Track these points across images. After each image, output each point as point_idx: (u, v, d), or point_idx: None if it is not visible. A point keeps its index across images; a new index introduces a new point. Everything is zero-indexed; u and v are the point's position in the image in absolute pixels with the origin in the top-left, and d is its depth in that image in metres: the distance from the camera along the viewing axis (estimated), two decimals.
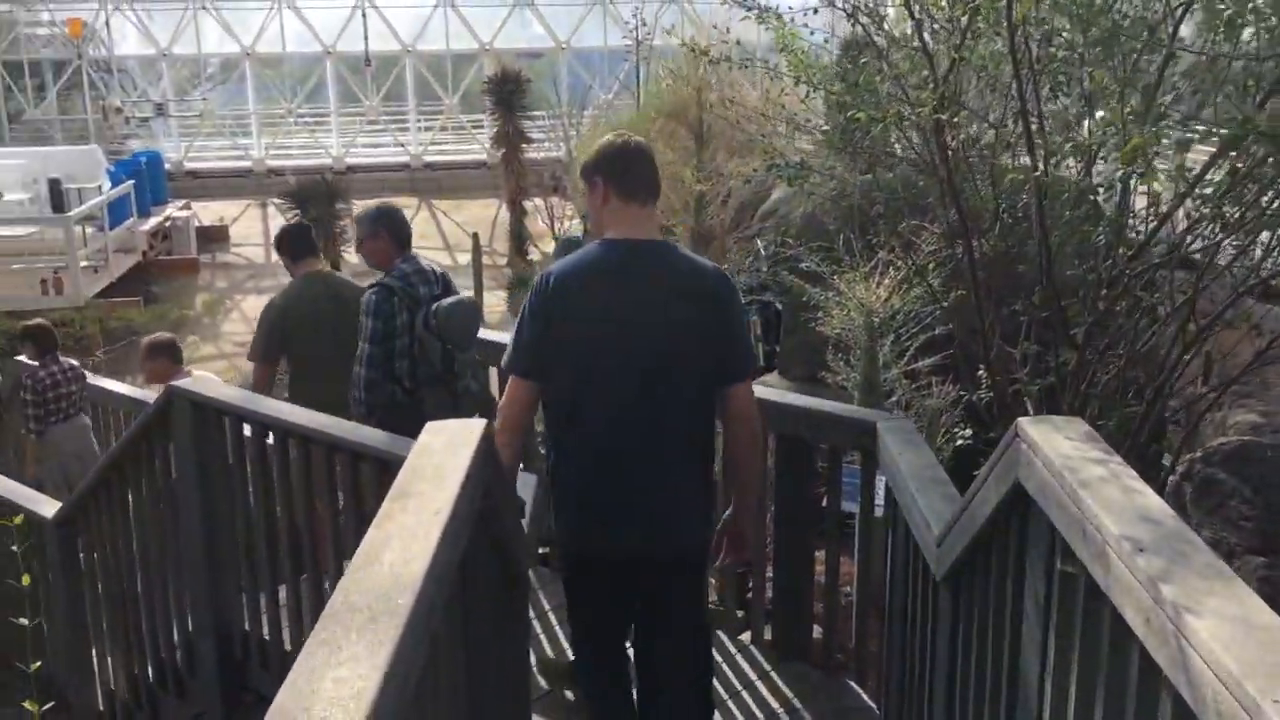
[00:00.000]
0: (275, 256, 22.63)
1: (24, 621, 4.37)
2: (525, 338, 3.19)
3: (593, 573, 3.35)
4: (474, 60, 26.31)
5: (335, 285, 6.25)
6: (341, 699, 1.49)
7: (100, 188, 18.79)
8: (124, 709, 5.72)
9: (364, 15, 25.25)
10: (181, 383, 4.85)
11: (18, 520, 4.88)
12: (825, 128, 5.02)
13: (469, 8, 26.11)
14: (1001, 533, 2.51)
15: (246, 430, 4.57)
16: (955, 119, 4.12)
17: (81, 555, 5.86)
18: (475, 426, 2.63)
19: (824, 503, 4.73)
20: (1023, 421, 2.31)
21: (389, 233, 4.98)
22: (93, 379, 8.72)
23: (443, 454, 2.48)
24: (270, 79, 26.87)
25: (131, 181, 19.71)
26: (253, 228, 23.27)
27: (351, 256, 22.86)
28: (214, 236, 22.40)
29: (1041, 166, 3.90)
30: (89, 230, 18.20)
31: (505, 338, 3.68)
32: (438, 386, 4.88)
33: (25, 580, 4.58)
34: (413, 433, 2.68)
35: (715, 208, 8.90)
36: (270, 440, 4.49)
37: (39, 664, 4.38)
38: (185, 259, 20.79)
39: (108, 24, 25.37)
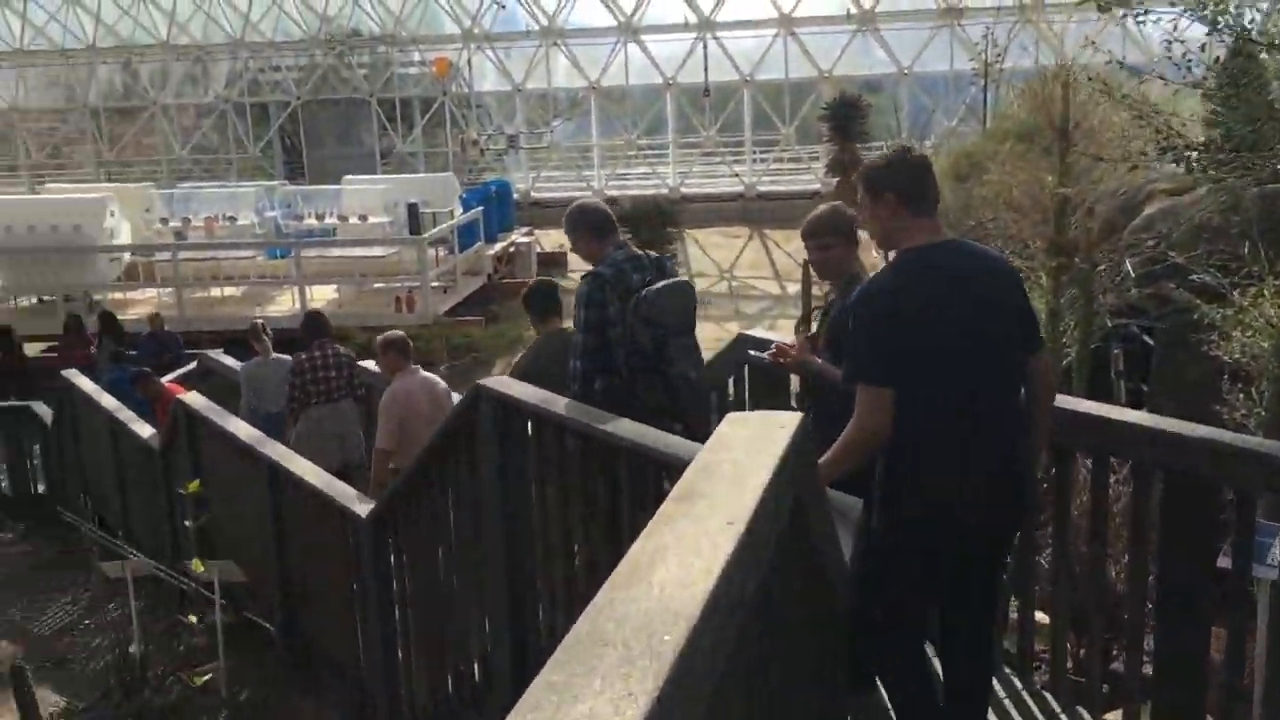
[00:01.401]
0: None
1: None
2: (881, 348, 3.29)
3: (941, 551, 3.40)
4: (812, 89, 25.90)
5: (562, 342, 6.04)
6: None
7: (452, 213, 19.84)
8: (423, 716, 5.55)
9: (704, 46, 25.47)
10: (489, 381, 4.59)
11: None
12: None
13: (809, 35, 25.75)
14: None
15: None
16: None
17: (392, 556, 5.77)
18: (787, 420, 2.04)
19: (1226, 562, 3.77)
20: None
21: (585, 230, 4.85)
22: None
23: (745, 450, 1.91)
24: (613, 112, 27.66)
25: (481, 209, 20.70)
26: None
27: None
28: (553, 262, 23.18)
29: None
30: (440, 252, 19.23)
31: None
32: (651, 375, 4.60)
33: None
34: None
35: (1081, 216, 7.91)
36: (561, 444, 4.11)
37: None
38: (524, 282, 21.55)
39: (469, 63, 27.04)
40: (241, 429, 7.29)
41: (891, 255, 3.50)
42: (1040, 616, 4.82)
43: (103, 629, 7.23)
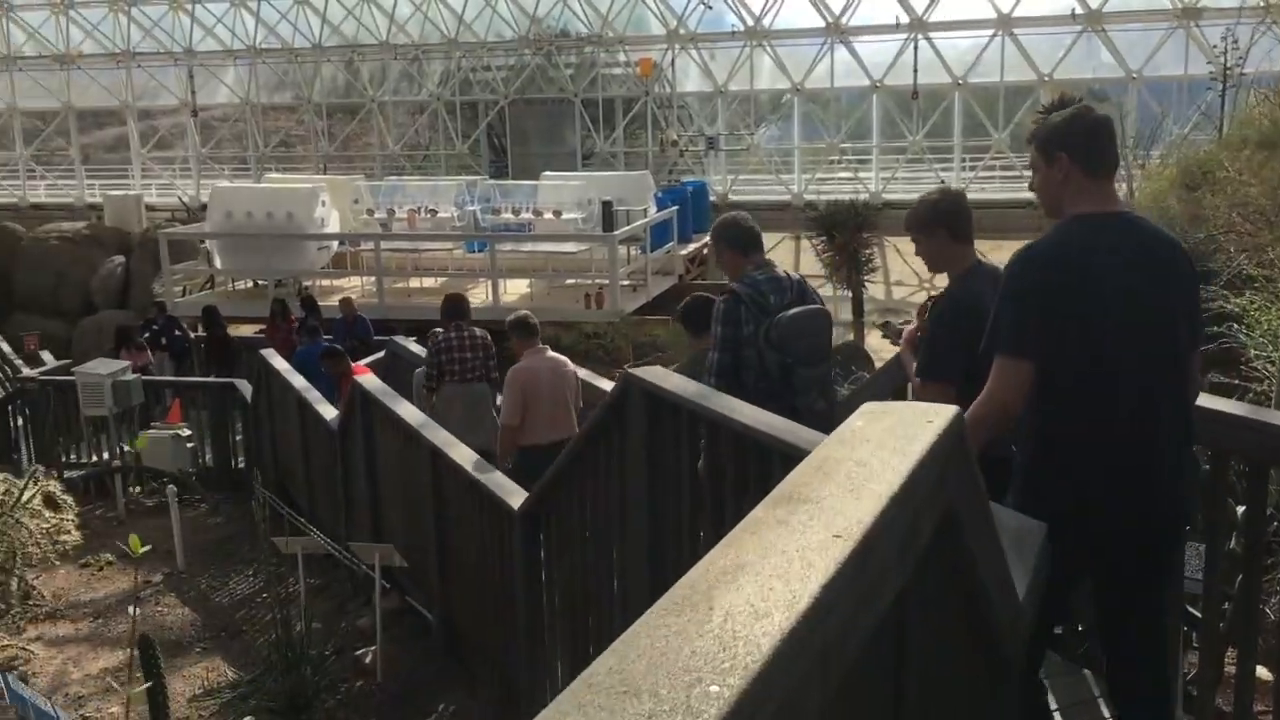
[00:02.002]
0: None
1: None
2: (1026, 318, 3.03)
3: (1092, 552, 3.15)
4: (1029, 93, 24.61)
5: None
6: None
7: (645, 212, 19.72)
8: None
9: (915, 47, 24.57)
10: (640, 370, 4.28)
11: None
12: None
13: (1029, 35, 24.46)
14: None
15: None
16: None
17: (542, 550, 5.55)
18: (939, 414, 1.63)
19: None
20: None
21: (726, 243, 4.77)
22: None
23: (877, 446, 1.51)
24: (816, 115, 27.05)
25: (676, 208, 20.53)
26: (784, 259, 23.42)
27: (874, 288, 22.31)
28: None
29: None
30: (632, 251, 19.14)
31: None
32: (772, 403, 4.25)
33: None
34: None
35: None
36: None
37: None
38: (716, 284, 21.26)
39: (673, 63, 26.94)
40: (409, 412, 7.24)
41: None
42: (1262, 673, 4.20)
43: (276, 604, 7.31)
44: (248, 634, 8.49)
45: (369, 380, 8.07)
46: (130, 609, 9.00)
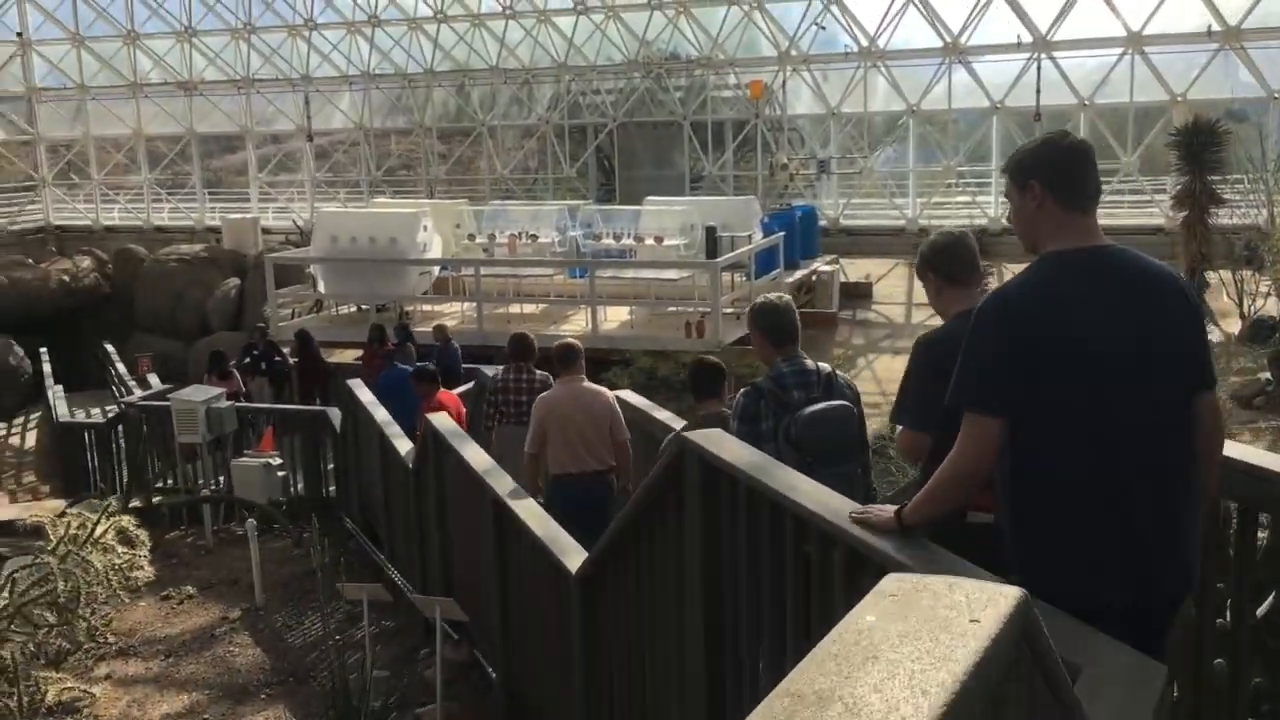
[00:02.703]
0: (914, 318, 21.22)
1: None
2: (989, 368, 2.79)
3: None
4: (1161, 114, 23.34)
5: (719, 422, 5.96)
6: None
7: (750, 238, 19.18)
8: None
9: (1038, 67, 23.53)
10: (696, 435, 3.79)
11: None
12: None
13: (1160, 54, 23.19)
14: None
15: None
16: None
17: (600, 615, 5.08)
18: (991, 599, 1.10)
19: None
20: None
21: (761, 331, 4.66)
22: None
23: (888, 670, 0.98)
24: (932, 137, 26.15)
25: (782, 234, 19.94)
26: (897, 286, 22.60)
27: None
28: (857, 293, 22.06)
29: None
30: (736, 278, 18.60)
31: None
32: None
33: None
34: None
35: None
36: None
37: None
38: (824, 313, 20.59)
39: (784, 85, 26.35)
40: (476, 457, 6.84)
41: None
42: None
43: (335, 652, 7.00)
44: (315, 680, 8.20)
45: (440, 420, 7.72)
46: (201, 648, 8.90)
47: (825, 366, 4.64)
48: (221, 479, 12.91)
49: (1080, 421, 2.77)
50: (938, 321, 4.04)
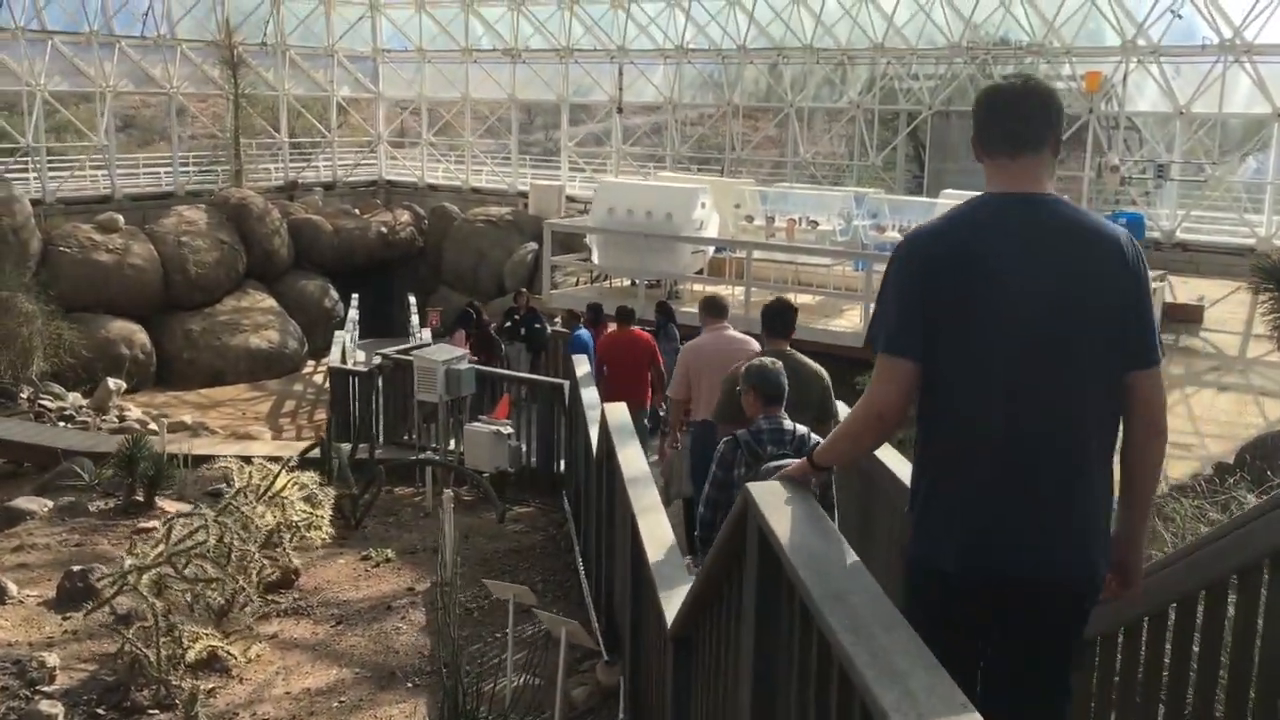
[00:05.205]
0: (1251, 351, 18.39)
1: None
2: (898, 310, 2.71)
3: (959, 600, 2.71)
4: None
5: (794, 362, 6.28)
6: None
7: None
8: None
9: None
10: (758, 489, 2.79)
11: None
12: None
13: None
14: None
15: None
16: None
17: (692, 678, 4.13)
18: None
19: None
20: None
21: (755, 389, 5.02)
22: None
23: None
24: None
25: None
26: (1234, 313, 19.72)
27: None
28: (1185, 316, 19.40)
29: None
30: None
31: None
32: None
33: None
34: None
35: None
36: None
37: None
38: None
39: (1125, 78, 23.67)
40: (632, 463, 5.99)
41: None
42: None
43: (451, 656, 6.39)
44: (470, 676, 7.66)
45: (615, 411, 6.92)
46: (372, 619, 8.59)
47: (802, 428, 4.91)
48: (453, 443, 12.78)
49: (980, 376, 2.65)
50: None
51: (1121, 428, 2.83)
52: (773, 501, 2.67)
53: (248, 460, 8.27)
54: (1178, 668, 3.11)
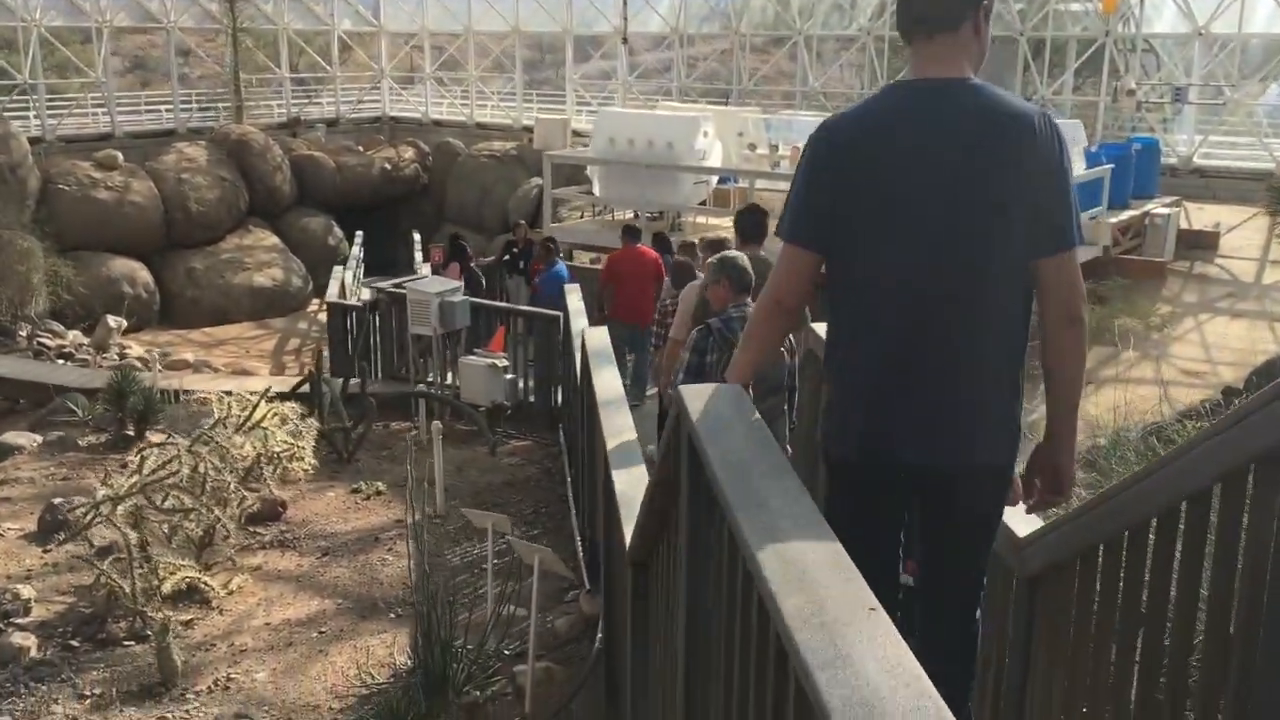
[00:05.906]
0: (1267, 277, 18.06)
1: None
2: (801, 199, 2.73)
3: (866, 488, 2.76)
4: None
5: (766, 265, 6.14)
6: None
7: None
8: None
9: None
10: (687, 391, 2.57)
11: None
12: None
13: None
14: None
15: None
16: None
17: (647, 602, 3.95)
18: None
19: None
20: None
21: (729, 279, 5.14)
22: None
23: None
24: None
25: (1109, 167, 17.33)
26: (1250, 239, 19.31)
27: None
28: (1199, 243, 19.02)
29: None
30: None
31: None
32: None
33: None
34: None
35: None
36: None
37: None
38: (1152, 261, 17.85)
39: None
40: (606, 387, 5.76)
41: None
42: None
43: (423, 582, 6.24)
44: (455, 605, 7.53)
45: (595, 335, 6.70)
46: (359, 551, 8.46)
47: None
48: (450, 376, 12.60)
49: (877, 268, 2.64)
50: None
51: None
52: (700, 405, 2.45)
53: (228, 394, 8.08)
54: (1159, 580, 2.90)
